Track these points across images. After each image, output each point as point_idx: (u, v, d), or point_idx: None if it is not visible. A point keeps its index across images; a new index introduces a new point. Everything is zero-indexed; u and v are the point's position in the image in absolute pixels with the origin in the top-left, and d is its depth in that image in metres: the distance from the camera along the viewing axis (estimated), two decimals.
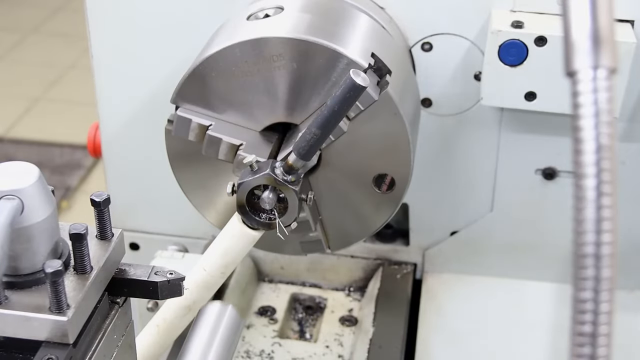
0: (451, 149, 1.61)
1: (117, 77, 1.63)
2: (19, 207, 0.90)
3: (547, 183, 1.62)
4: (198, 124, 1.28)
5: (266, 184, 1.18)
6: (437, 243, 1.71)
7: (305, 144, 1.14)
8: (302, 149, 1.14)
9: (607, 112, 0.68)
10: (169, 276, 1.03)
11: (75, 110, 4.35)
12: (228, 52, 1.24)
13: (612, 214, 0.69)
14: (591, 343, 0.69)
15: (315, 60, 1.23)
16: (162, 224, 1.77)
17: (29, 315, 0.90)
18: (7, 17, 5.66)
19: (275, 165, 1.18)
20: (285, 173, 1.17)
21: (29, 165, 0.95)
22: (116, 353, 1.02)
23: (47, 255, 0.94)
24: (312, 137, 1.13)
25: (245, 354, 1.56)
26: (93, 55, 1.62)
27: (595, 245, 0.68)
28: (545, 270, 1.69)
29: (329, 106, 1.10)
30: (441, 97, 1.56)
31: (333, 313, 1.67)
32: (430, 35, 1.51)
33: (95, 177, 3.87)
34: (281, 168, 1.17)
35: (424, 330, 1.61)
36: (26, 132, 4.25)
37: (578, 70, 0.69)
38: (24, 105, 4.52)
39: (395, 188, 1.30)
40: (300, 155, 1.15)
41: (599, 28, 0.69)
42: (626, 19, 1.43)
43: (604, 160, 0.68)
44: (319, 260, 1.73)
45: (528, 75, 1.42)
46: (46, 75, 4.84)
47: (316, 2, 1.37)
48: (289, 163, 1.17)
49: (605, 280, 0.69)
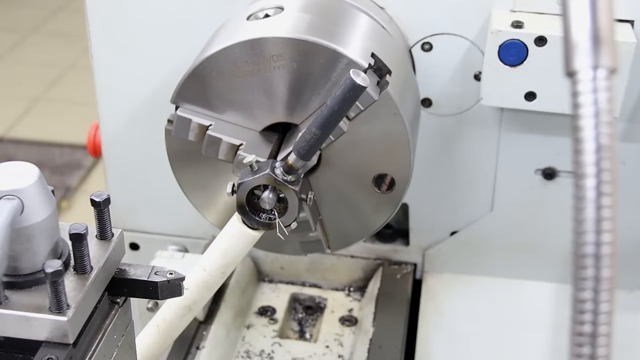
0: (451, 149, 1.61)
1: (117, 77, 1.63)
2: (19, 207, 0.90)
3: (547, 183, 1.62)
4: (198, 124, 1.28)
5: (266, 184, 1.18)
6: (437, 243, 1.71)
7: (305, 144, 1.14)
8: (302, 149, 1.14)
9: (607, 112, 0.68)
10: (169, 276, 1.03)
11: (75, 110, 4.35)
12: (228, 52, 1.24)
13: (612, 214, 0.69)
14: (591, 343, 0.69)
15: (315, 60, 1.23)
16: (162, 224, 1.77)
17: (29, 315, 0.90)
18: (7, 17, 5.66)
19: (275, 165, 1.18)
20: (285, 173, 1.17)
21: (29, 165, 0.95)
22: (116, 353, 1.02)
23: (47, 255, 0.94)
24: (312, 137, 1.13)
25: (245, 354, 1.56)
26: (93, 55, 1.62)
27: (595, 245, 0.68)
28: (545, 270, 1.69)
29: (329, 106, 1.10)
30: (441, 97, 1.56)
31: (333, 313, 1.67)
32: (430, 35, 1.51)
33: (95, 177, 3.87)
34: (281, 168, 1.17)
35: (424, 330, 1.61)
36: (26, 132, 4.25)
37: (578, 70, 0.69)
38: (24, 105, 4.52)
39: (395, 188, 1.30)
40: (300, 156, 1.15)
41: (599, 28, 0.69)
42: (626, 19, 1.43)
43: (604, 160, 0.68)
44: (319, 260, 1.73)
45: (528, 75, 1.42)
46: (46, 75, 4.85)
47: (316, 2, 1.37)
48: (288, 163, 1.17)
49: (605, 280, 0.69)
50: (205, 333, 1.50)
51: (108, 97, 1.65)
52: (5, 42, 5.27)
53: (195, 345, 1.48)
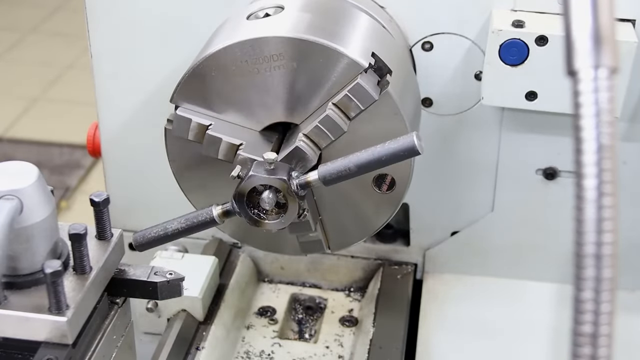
0: (452, 148, 1.61)
1: (116, 77, 1.62)
2: (18, 207, 0.90)
3: (548, 183, 1.61)
4: (198, 123, 1.28)
5: (277, 187, 1.17)
6: (437, 243, 1.71)
7: (335, 174, 1.14)
8: (329, 176, 1.14)
9: (608, 112, 0.68)
10: (168, 276, 1.03)
11: (75, 110, 4.34)
12: (228, 52, 1.24)
13: (613, 214, 0.68)
14: (592, 343, 0.69)
15: (316, 59, 1.22)
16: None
17: (29, 316, 0.90)
18: (6, 17, 5.66)
19: (292, 175, 1.17)
20: (299, 186, 1.17)
21: (28, 165, 0.95)
22: (115, 353, 1.02)
23: (46, 256, 0.94)
24: (346, 171, 1.13)
25: (245, 354, 1.56)
26: (92, 55, 1.61)
27: (596, 245, 0.68)
28: (546, 271, 1.69)
29: (377, 152, 1.11)
30: (442, 96, 1.56)
31: (333, 313, 1.67)
32: (431, 35, 1.51)
33: (94, 177, 3.86)
34: (298, 180, 1.17)
35: (424, 331, 1.60)
36: (25, 132, 4.24)
37: (579, 70, 0.69)
38: (23, 104, 4.52)
39: (395, 188, 1.30)
40: (323, 180, 1.15)
41: (600, 27, 0.69)
42: (627, 19, 1.43)
43: (605, 160, 0.68)
44: (319, 260, 1.73)
45: (529, 75, 1.41)
46: (45, 74, 4.84)
47: (316, 2, 1.37)
48: (308, 180, 1.16)
49: (606, 280, 0.68)
50: (205, 333, 1.50)
51: (107, 97, 1.65)
52: (4, 41, 5.27)
53: (195, 346, 1.47)
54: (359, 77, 1.21)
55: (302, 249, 1.39)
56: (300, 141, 1.23)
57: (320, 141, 1.24)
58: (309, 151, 1.23)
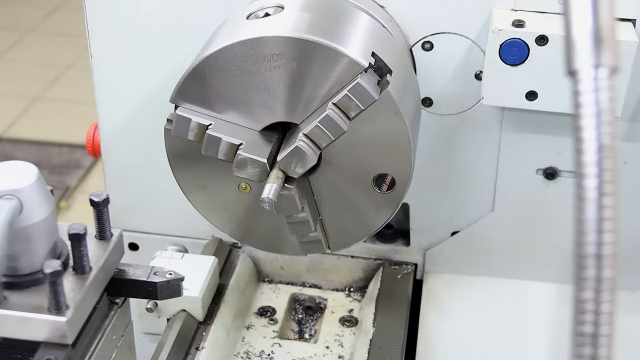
0: (452, 148, 1.61)
1: (116, 77, 1.62)
2: (18, 207, 0.90)
3: (548, 183, 1.61)
4: (197, 123, 1.28)
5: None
6: (437, 243, 1.71)
7: None
8: None
9: (609, 112, 0.68)
10: (168, 276, 1.03)
11: (74, 110, 4.35)
12: (228, 51, 1.24)
13: (614, 214, 0.68)
14: (592, 343, 0.69)
15: (316, 59, 1.22)
16: (162, 224, 1.76)
17: (28, 316, 0.90)
18: (5, 16, 5.66)
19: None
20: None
21: (27, 164, 0.95)
22: (115, 354, 1.02)
23: (46, 256, 0.94)
24: None
25: (245, 354, 1.55)
26: (92, 55, 1.61)
27: (596, 245, 0.68)
28: (547, 271, 1.69)
29: None
30: (442, 96, 1.56)
31: (333, 313, 1.67)
32: (431, 34, 1.51)
33: (94, 177, 3.86)
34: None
35: (424, 331, 1.60)
36: (25, 132, 4.24)
37: (579, 70, 0.69)
38: (23, 104, 4.51)
39: (395, 188, 1.30)
40: None
41: (600, 27, 0.69)
42: (628, 18, 1.43)
43: (606, 160, 0.68)
44: (319, 260, 1.73)
45: (529, 75, 1.41)
46: (45, 74, 4.84)
47: (316, 1, 1.37)
48: None
49: (606, 280, 0.68)
50: (204, 334, 1.49)
51: (107, 97, 1.65)
52: (4, 41, 5.27)
53: (194, 346, 1.47)
54: (359, 77, 1.21)
55: (302, 249, 1.39)
56: (300, 141, 1.23)
57: (320, 141, 1.24)
58: (309, 151, 1.23)
